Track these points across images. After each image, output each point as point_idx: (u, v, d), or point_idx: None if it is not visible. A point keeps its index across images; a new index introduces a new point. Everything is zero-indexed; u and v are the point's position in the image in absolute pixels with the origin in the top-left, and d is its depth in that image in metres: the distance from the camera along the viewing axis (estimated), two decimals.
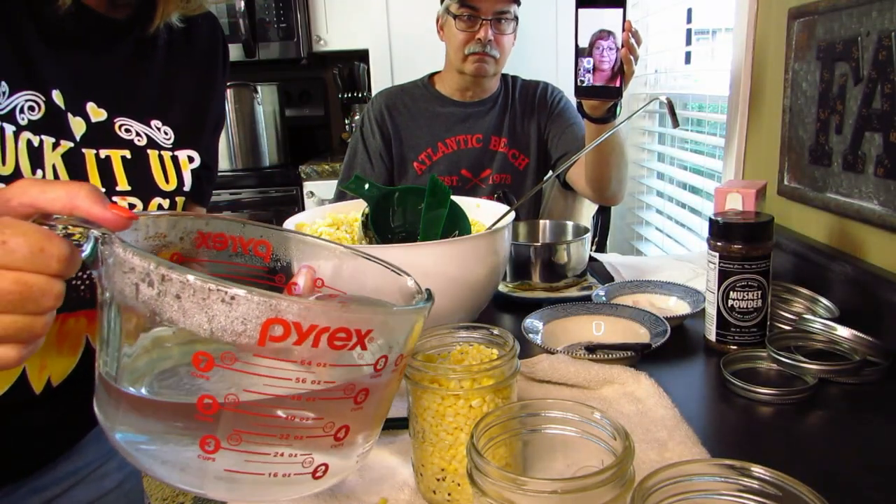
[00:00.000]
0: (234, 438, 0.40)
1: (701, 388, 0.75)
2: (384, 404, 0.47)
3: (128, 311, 0.41)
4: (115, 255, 0.40)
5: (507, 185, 1.63)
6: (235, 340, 0.38)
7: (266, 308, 0.38)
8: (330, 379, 0.41)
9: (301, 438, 0.42)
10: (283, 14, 2.93)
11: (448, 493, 0.52)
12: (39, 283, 0.39)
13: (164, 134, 0.71)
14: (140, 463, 0.43)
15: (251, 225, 0.55)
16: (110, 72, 0.68)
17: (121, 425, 0.43)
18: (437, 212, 0.88)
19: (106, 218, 0.41)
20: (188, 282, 0.38)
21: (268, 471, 0.42)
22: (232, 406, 0.39)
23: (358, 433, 0.45)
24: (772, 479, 0.39)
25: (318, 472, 0.44)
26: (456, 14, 1.52)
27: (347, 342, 0.40)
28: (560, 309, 0.87)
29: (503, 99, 1.66)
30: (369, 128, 1.65)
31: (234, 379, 0.39)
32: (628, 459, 0.40)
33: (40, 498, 0.71)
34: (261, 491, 0.43)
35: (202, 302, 0.38)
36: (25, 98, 0.59)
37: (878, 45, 0.82)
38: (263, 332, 0.38)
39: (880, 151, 0.83)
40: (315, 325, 0.39)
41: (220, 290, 0.37)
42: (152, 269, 0.38)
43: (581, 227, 1.14)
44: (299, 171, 2.84)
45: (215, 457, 0.40)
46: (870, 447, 0.61)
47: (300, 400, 0.41)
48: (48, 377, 0.63)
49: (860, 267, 0.86)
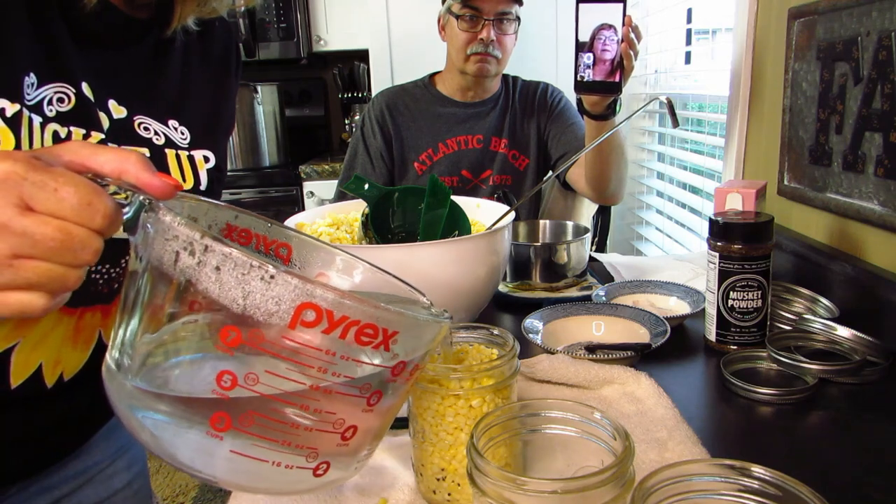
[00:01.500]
0: (245, 420, 0.40)
1: (701, 388, 0.75)
2: (391, 413, 0.47)
3: (161, 280, 0.41)
4: (158, 222, 0.41)
5: (508, 185, 1.63)
6: (267, 320, 0.38)
7: (302, 292, 0.38)
8: (349, 374, 0.41)
9: (311, 431, 0.42)
10: (283, 14, 2.94)
11: (448, 493, 0.52)
12: (81, 235, 0.39)
13: (181, 134, 0.72)
14: (140, 433, 0.42)
15: (276, 226, 0.55)
16: (131, 70, 0.68)
17: (131, 397, 0.43)
18: (437, 212, 0.88)
19: (154, 185, 0.41)
20: (230, 255, 0.38)
21: (272, 458, 0.42)
22: (250, 386, 0.39)
23: (363, 437, 0.45)
24: (772, 479, 0.39)
25: (320, 470, 0.44)
26: (458, 14, 1.52)
27: (373, 339, 0.40)
28: (560, 309, 0.87)
29: (504, 99, 1.66)
30: (370, 128, 1.65)
31: (256, 360, 0.39)
32: (628, 459, 0.40)
33: (50, 497, 0.71)
34: (260, 479, 0.43)
35: (241, 277, 0.38)
36: (55, 90, 0.59)
37: (878, 45, 0.82)
38: (296, 315, 0.38)
39: (880, 151, 0.83)
40: (346, 316, 0.39)
41: (262, 267, 0.38)
42: (197, 238, 0.39)
43: (581, 227, 1.14)
44: (299, 171, 2.84)
45: (223, 436, 0.40)
46: (870, 447, 0.61)
47: (318, 390, 0.41)
48: (61, 372, 0.64)
49: (860, 267, 0.86)
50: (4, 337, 0.59)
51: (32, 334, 0.60)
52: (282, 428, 0.41)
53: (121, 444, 0.80)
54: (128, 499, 0.81)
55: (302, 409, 0.41)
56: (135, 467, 0.82)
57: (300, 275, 0.38)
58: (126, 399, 0.43)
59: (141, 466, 0.84)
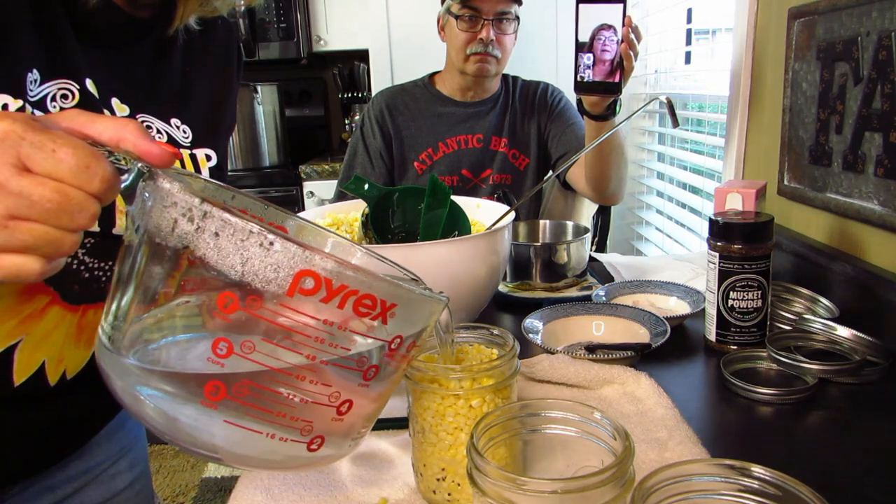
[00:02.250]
0: (240, 388, 0.39)
1: (701, 388, 0.75)
2: (386, 392, 0.47)
3: (157, 249, 0.41)
4: (157, 189, 0.40)
5: (508, 185, 1.63)
6: (265, 287, 0.38)
7: (301, 259, 0.38)
8: (346, 346, 0.41)
9: (307, 403, 0.41)
10: (283, 14, 2.94)
11: (448, 493, 0.52)
12: (78, 198, 0.39)
13: (183, 132, 0.72)
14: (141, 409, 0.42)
15: (273, 208, 0.55)
16: (133, 69, 0.69)
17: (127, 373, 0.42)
18: (437, 212, 0.88)
19: (152, 152, 0.41)
20: (229, 221, 0.38)
21: (266, 430, 0.41)
22: (246, 354, 0.39)
23: (358, 413, 0.45)
24: (772, 479, 0.39)
25: (314, 445, 0.43)
26: (457, 14, 1.52)
27: (371, 311, 0.40)
28: (560, 309, 0.87)
29: (504, 99, 1.66)
30: (370, 128, 1.65)
31: (253, 327, 0.39)
32: (628, 459, 0.40)
33: (53, 497, 0.71)
34: (254, 451, 0.42)
35: (240, 243, 0.38)
36: (59, 87, 0.59)
37: (878, 45, 0.82)
38: (294, 282, 0.38)
39: (880, 151, 0.83)
40: (345, 285, 0.38)
41: (261, 233, 0.37)
42: (196, 204, 0.38)
43: (581, 227, 1.14)
44: (299, 171, 2.84)
45: (218, 405, 0.40)
46: (870, 447, 0.60)
47: (314, 361, 0.40)
48: (63, 370, 0.64)
49: (860, 267, 0.86)
50: (7, 334, 0.59)
51: (35, 331, 0.60)
52: (277, 398, 0.40)
53: (123, 444, 0.80)
54: (130, 499, 0.81)
55: (298, 380, 0.40)
56: (137, 468, 0.82)
57: (300, 241, 0.38)
58: (122, 375, 0.42)
59: (143, 467, 0.84)
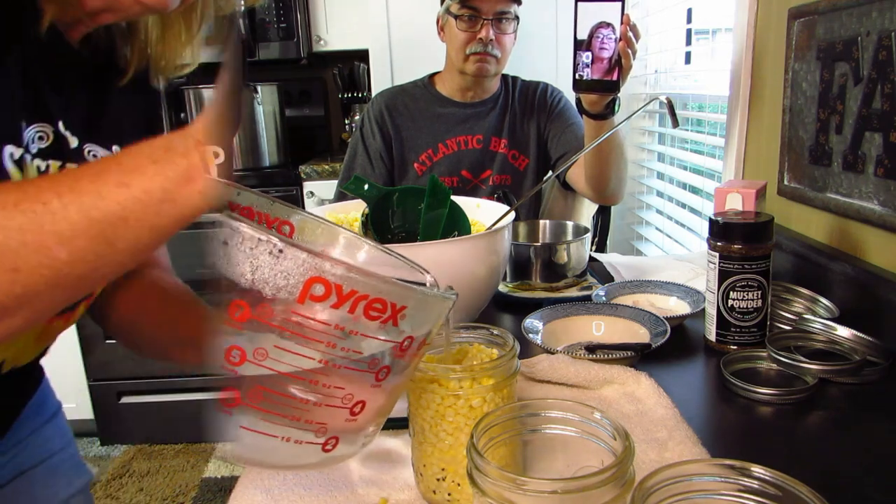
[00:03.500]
0: (255, 395, 0.40)
1: (701, 388, 0.75)
2: (398, 390, 0.47)
3: None
4: None
5: (507, 185, 1.63)
6: (275, 294, 0.38)
7: (311, 266, 0.38)
8: (358, 349, 0.41)
9: (320, 406, 0.42)
10: (283, 14, 2.93)
11: (448, 493, 0.52)
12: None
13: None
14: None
15: (279, 204, 0.55)
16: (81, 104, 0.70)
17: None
18: (437, 212, 0.88)
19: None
20: (238, 229, 0.38)
21: (281, 434, 0.42)
22: (259, 361, 0.39)
23: (371, 413, 0.45)
24: (772, 479, 0.39)
25: (329, 445, 0.44)
26: (457, 14, 1.52)
27: (382, 314, 0.40)
28: (560, 309, 0.87)
29: (503, 99, 1.66)
30: (369, 128, 1.64)
31: (266, 335, 0.39)
32: (628, 459, 0.40)
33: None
34: (270, 454, 0.43)
35: (249, 251, 0.38)
36: (36, 130, 0.61)
37: (878, 45, 0.82)
38: (305, 289, 0.38)
39: (880, 151, 0.83)
40: (355, 290, 0.39)
41: (270, 241, 0.38)
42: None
43: (581, 227, 1.14)
44: (299, 171, 2.84)
45: (233, 411, 0.40)
46: (870, 447, 0.61)
47: (327, 365, 0.41)
48: (11, 363, 0.66)
49: (860, 267, 0.86)
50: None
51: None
52: (291, 403, 0.41)
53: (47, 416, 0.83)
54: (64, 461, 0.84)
55: (311, 384, 0.41)
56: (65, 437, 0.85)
57: (309, 248, 0.38)
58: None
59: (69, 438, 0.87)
